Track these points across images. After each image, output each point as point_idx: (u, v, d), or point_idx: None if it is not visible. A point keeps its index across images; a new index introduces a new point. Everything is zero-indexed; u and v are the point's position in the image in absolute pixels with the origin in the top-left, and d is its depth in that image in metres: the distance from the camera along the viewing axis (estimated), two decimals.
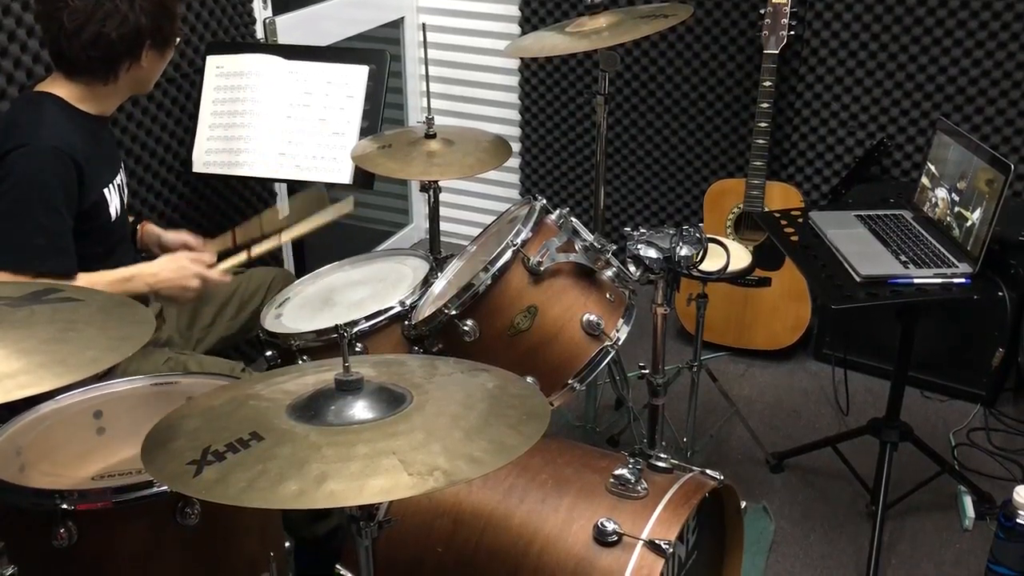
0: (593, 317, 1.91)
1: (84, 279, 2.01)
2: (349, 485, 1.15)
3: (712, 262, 1.98)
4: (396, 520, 1.71)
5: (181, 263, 2.14)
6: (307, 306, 2.26)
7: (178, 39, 2.14)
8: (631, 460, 1.75)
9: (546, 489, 1.73)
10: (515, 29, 3.61)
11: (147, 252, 2.44)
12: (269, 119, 2.62)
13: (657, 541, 1.60)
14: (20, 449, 1.67)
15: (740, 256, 2.61)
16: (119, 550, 1.53)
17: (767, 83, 3.03)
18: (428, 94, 2.44)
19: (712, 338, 3.26)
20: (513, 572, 1.67)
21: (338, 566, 1.79)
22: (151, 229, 2.41)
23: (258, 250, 2.24)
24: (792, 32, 3.03)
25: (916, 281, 2.16)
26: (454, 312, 1.88)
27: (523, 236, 1.89)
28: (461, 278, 2.04)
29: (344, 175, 2.57)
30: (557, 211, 2.01)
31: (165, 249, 2.41)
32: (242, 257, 2.22)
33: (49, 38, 2.01)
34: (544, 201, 2.02)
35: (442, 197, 2.59)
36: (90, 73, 2.03)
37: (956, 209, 2.27)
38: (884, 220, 2.42)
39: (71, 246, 2.01)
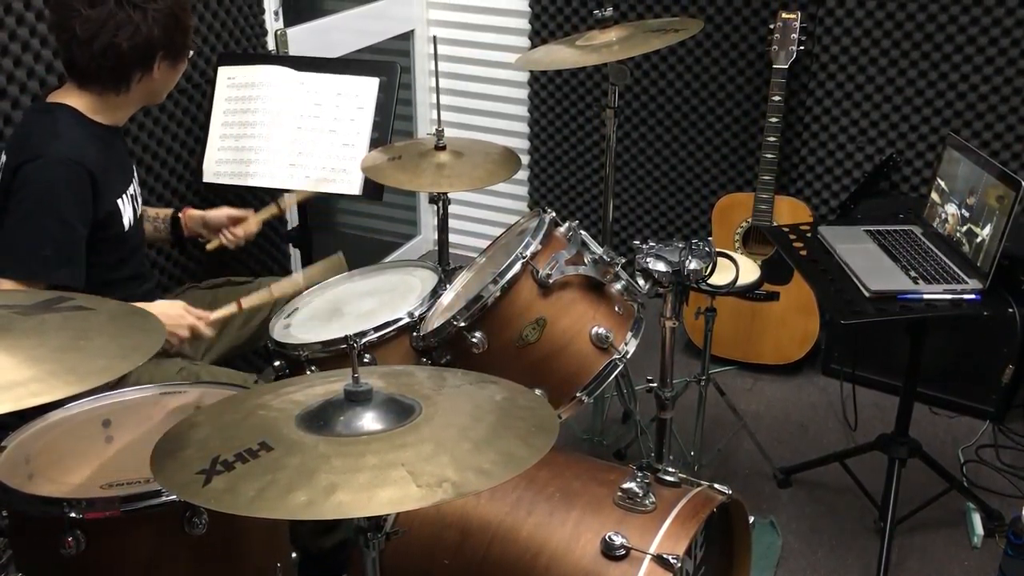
0: (602, 330, 1.91)
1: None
2: (358, 496, 1.15)
3: (721, 276, 1.98)
4: (403, 531, 1.71)
5: (178, 311, 2.13)
6: (316, 317, 2.27)
7: (191, 52, 2.15)
8: (639, 473, 1.75)
9: (554, 502, 1.73)
10: (525, 42, 3.63)
11: (194, 237, 2.48)
12: (280, 130, 2.63)
13: (665, 555, 1.59)
14: (29, 457, 1.67)
15: (749, 270, 2.61)
16: (127, 559, 1.52)
17: (776, 97, 3.03)
18: (438, 106, 2.44)
19: (720, 352, 3.26)
20: None
21: None
22: (193, 213, 2.45)
23: (248, 303, 2.24)
24: (802, 47, 3.04)
25: (925, 297, 2.15)
26: (463, 324, 1.88)
27: (532, 248, 1.89)
28: (470, 290, 2.04)
29: (354, 186, 2.58)
30: (566, 223, 2.01)
31: (209, 227, 2.46)
32: (232, 308, 2.22)
33: (62, 47, 2.03)
34: (553, 213, 2.02)
35: (450, 209, 2.60)
36: (101, 83, 2.04)
37: (966, 225, 2.27)
38: (893, 235, 2.41)
39: (80, 258, 2.01)
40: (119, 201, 2.11)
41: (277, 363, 2.14)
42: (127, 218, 2.14)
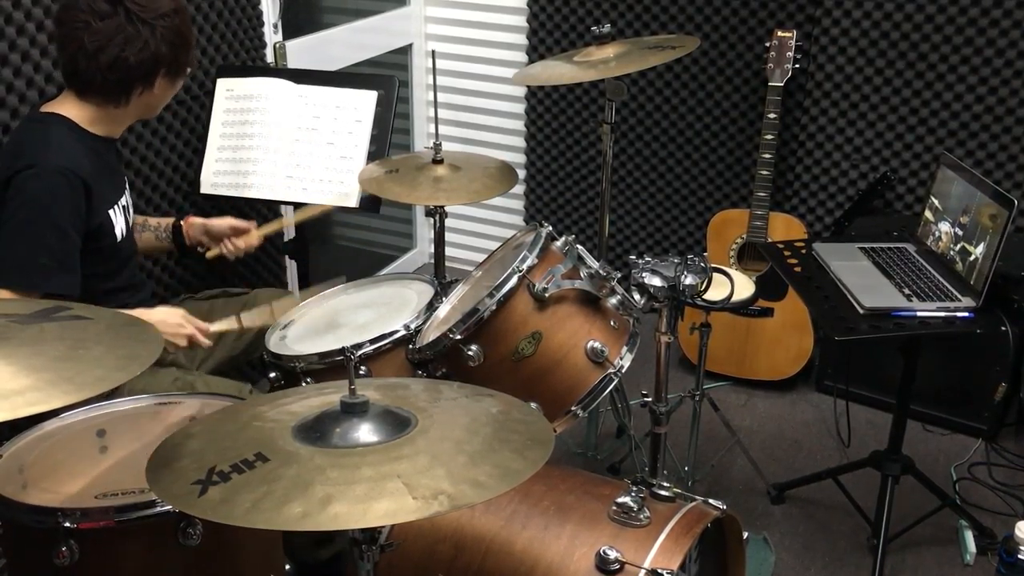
0: (597, 344, 1.92)
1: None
2: (353, 508, 1.15)
3: (715, 291, 1.99)
4: (398, 544, 1.71)
5: (178, 320, 2.12)
6: (312, 328, 2.27)
7: (189, 69, 2.16)
8: (634, 488, 1.75)
9: (548, 516, 1.73)
10: (522, 57, 3.64)
11: (196, 245, 2.46)
12: (278, 142, 2.64)
13: (659, 570, 1.59)
14: (23, 467, 1.67)
15: (744, 286, 2.61)
16: (120, 569, 1.52)
17: (771, 115, 3.05)
18: (436, 120, 2.45)
19: (714, 368, 3.27)
20: None
21: None
22: (195, 221, 2.44)
23: (248, 322, 2.24)
24: (797, 65, 3.06)
25: (919, 314, 2.16)
26: (459, 337, 1.88)
27: (528, 262, 1.90)
28: (466, 303, 2.05)
29: (351, 199, 2.58)
30: (563, 238, 2.02)
31: (211, 235, 2.44)
32: (232, 324, 2.23)
33: (66, 57, 2.03)
34: (550, 228, 2.03)
35: (447, 222, 2.60)
36: (103, 95, 2.05)
37: (959, 243, 2.28)
38: (887, 253, 2.43)
39: (76, 266, 2.02)
40: (111, 212, 2.12)
41: (273, 375, 2.15)
42: (119, 228, 2.15)
